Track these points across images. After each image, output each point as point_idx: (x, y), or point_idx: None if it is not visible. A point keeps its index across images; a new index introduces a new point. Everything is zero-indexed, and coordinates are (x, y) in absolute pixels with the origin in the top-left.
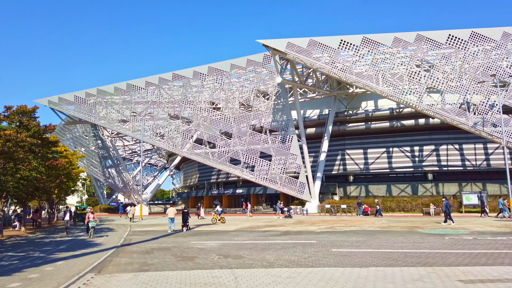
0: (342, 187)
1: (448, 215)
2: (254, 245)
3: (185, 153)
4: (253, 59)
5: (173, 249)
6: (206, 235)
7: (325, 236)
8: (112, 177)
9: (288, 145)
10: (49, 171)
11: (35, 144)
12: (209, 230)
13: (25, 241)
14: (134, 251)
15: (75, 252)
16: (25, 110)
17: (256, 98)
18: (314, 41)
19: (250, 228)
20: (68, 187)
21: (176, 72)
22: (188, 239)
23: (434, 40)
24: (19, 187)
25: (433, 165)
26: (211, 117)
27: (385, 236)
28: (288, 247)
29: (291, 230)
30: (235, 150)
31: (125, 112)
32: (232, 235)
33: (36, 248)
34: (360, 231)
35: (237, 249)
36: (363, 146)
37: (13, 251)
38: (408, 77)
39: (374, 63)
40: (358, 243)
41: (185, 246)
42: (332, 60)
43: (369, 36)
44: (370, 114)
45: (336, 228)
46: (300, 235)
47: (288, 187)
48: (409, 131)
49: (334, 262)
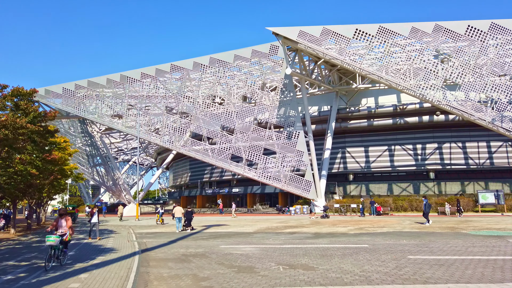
0: (342, 186)
1: (426, 215)
2: (303, 251)
3: (182, 150)
4: (259, 49)
5: (211, 256)
6: (228, 237)
7: (369, 239)
8: (101, 176)
9: (294, 141)
10: (45, 166)
11: (36, 132)
12: (224, 231)
13: (21, 246)
14: (166, 259)
15: (93, 260)
16: (22, 92)
17: (260, 92)
18: (328, 30)
19: (270, 230)
20: (59, 185)
21: (175, 63)
22: (213, 243)
23: (453, 31)
24: (11, 183)
25: (435, 164)
26: (212, 111)
27: (436, 238)
28: (349, 254)
29: (320, 232)
30: (237, 147)
31: (118, 106)
32: (257, 237)
33: (39, 255)
34: (398, 233)
35: (290, 256)
36: (364, 144)
37: (13, 259)
38: (427, 70)
39: (390, 54)
40: (419, 247)
41: (220, 252)
42: (347, 50)
43: (385, 26)
44: (373, 111)
45: (368, 230)
46: (336, 237)
47: (293, 185)
48: (412, 128)
49: (445, 275)
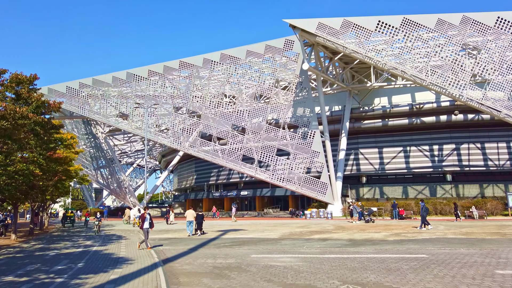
0: (355, 189)
1: (423, 218)
2: (356, 263)
3: (191, 151)
4: (273, 44)
5: (249, 269)
6: (254, 244)
7: (418, 247)
8: (105, 178)
9: (309, 141)
10: (49, 165)
11: (40, 123)
12: (246, 237)
13: (22, 255)
14: (196, 273)
15: (107, 274)
16: (22, 79)
17: (274, 89)
18: (349, 22)
19: (295, 235)
20: (63, 187)
21: (184, 59)
22: (240, 251)
23: (482, 23)
24: (12, 184)
25: (453, 165)
26: (222, 110)
27: (493, 245)
28: (418, 267)
29: (355, 239)
30: (249, 147)
31: (124, 105)
32: (287, 244)
33: (43, 266)
34: (444, 240)
35: (347, 270)
36: (378, 145)
37: (11, 273)
38: (454, 65)
39: (415, 48)
40: (490, 258)
41: (256, 263)
42: (368, 44)
43: (410, 17)
44: (388, 110)
45: (406, 236)
46: (379, 245)
47: (308, 188)
48: (428, 128)
49: None
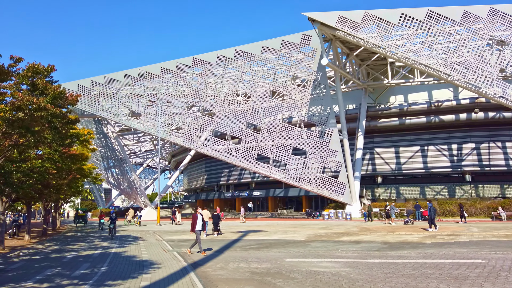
0: (370, 189)
1: (432, 220)
2: (410, 269)
3: (204, 150)
4: (289, 40)
5: (293, 275)
6: (282, 247)
7: (465, 251)
8: (115, 178)
9: (327, 139)
10: (65, 162)
11: (57, 116)
12: (270, 239)
13: (38, 257)
14: (235, 280)
15: (136, 280)
16: (39, 69)
17: (290, 86)
18: (370, 15)
19: (322, 237)
20: (76, 186)
21: (197, 56)
22: (271, 254)
23: (510, 15)
24: (27, 182)
25: (473, 165)
26: (236, 108)
27: None
28: (487, 275)
29: (388, 241)
30: (264, 146)
31: (136, 104)
32: (318, 247)
33: (64, 270)
34: (488, 243)
35: (407, 278)
36: (394, 144)
37: (31, 279)
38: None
39: (440, 42)
40: None
41: (297, 269)
42: (389, 38)
43: (434, 10)
44: (405, 108)
45: (443, 238)
46: (419, 248)
47: (325, 188)
48: (447, 127)
49: None
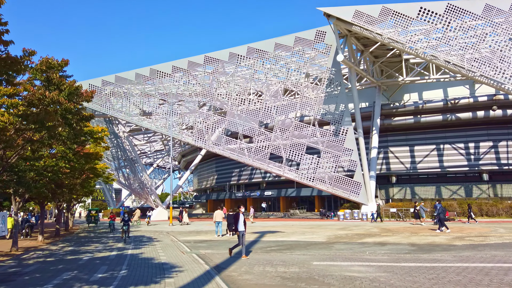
0: (384, 189)
1: (442, 221)
2: (455, 274)
3: (216, 149)
4: (303, 36)
5: (327, 281)
6: (305, 248)
7: (503, 254)
8: (126, 178)
9: (341, 138)
10: (79, 161)
11: (71, 111)
12: (290, 240)
13: (53, 259)
14: (265, 285)
15: (161, 285)
16: (53, 64)
17: (304, 84)
18: (388, 9)
19: (343, 238)
20: (89, 186)
21: (209, 54)
22: (295, 256)
23: None
24: (40, 182)
25: (490, 164)
26: (249, 106)
27: None
28: None
29: (415, 243)
30: (276, 145)
31: (147, 103)
32: (343, 249)
33: (81, 274)
34: None
35: (457, 285)
36: (409, 143)
37: (48, 283)
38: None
39: (462, 37)
40: None
41: (328, 273)
42: (407, 33)
43: (454, 3)
44: (420, 106)
45: (472, 240)
46: (451, 251)
47: (340, 187)
48: (463, 125)
49: None
